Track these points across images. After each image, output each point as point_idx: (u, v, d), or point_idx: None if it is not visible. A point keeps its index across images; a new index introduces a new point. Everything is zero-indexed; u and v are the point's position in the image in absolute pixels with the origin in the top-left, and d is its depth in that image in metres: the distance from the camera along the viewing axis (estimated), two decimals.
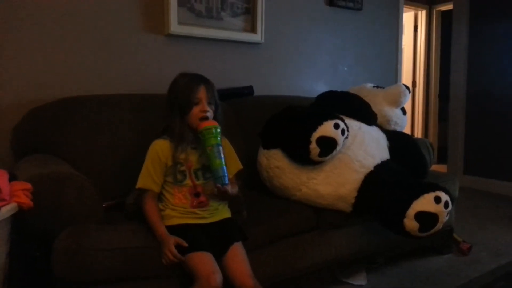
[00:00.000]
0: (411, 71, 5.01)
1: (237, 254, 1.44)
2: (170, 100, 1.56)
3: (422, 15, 4.92)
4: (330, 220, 1.83)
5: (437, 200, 1.61)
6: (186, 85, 1.54)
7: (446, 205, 1.62)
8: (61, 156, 1.70)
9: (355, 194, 1.80)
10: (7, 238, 1.31)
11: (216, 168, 1.44)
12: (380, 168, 1.87)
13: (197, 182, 1.51)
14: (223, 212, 1.57)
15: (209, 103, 1.53)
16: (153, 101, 2.02)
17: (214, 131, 1.46)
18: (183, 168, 1.51)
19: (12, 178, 1.32)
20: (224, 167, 1.45)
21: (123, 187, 1.67)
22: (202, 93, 1.52)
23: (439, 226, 1.63)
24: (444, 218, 1.63)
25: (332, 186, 1.80)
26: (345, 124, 1.77)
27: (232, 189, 1.51)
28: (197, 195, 1.51)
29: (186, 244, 1.36)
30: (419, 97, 5.03)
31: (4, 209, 1.20)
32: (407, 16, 4.80)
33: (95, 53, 2.09)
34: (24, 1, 1.89)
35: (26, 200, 1.25)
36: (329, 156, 1.77)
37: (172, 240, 1.36)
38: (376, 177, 1.82)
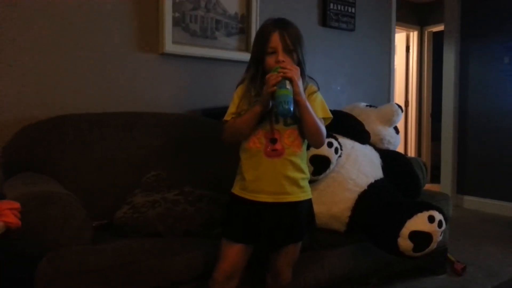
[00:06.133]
0: (404, 91, 5.06)
1: (288, 253, 1.41)
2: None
3: (414, 36, 5.01)
4: (323, 240, 1.81)
5: (431, 219, 1.60)
6: (260, 31, 1.41)
7: (440, 224, 1.62)
8: (51, 174, 1.68)
9: (348, 213, 1.79)
10: None
11: (279, 94, 1.24)
12: (374, 187, 1.86)
13: (275, 126, 1.35)
14: (298, 190, 1.39)
15: (287, 51, 1.35)
16: (144, 119, 2.01)
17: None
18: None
19: (1, 197, 1.30)
20: (290, 96, 1.24)
21: (114, 206, 1.65)
22: (275, 41, 1.34)
23: (433, 245, 1.62)
24: (438, 237, 1.62)
25: (325, 205, 1.79)
26: (339, 142, 1.78)
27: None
28: (273, 141, 1.35)
29: None
30: (411, 117, 5.07)
31: None
32: (399, 37, 4.88)
33: (89, 72, 2.09)
34: (17, 20, 1.90)
35: (14, 220, 1.23)
36: (322, 175, 1.76)
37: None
38: (370, 196, 1.81)
